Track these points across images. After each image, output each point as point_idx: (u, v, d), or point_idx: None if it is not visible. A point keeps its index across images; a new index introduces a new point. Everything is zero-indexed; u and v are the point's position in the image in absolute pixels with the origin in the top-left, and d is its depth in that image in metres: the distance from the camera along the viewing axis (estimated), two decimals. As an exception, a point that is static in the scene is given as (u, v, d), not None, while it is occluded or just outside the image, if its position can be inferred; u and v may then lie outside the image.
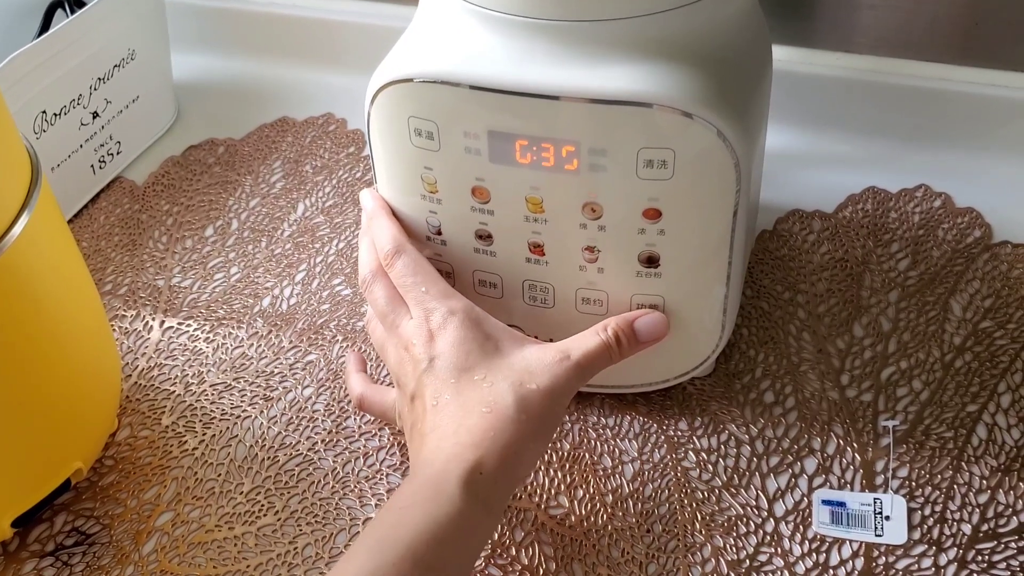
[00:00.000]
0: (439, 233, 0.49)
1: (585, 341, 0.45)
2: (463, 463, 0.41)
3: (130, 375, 0.57)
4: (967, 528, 0.46)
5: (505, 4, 0.43)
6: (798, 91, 0.67)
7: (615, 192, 0.44)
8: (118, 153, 0.72)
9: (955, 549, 0.45)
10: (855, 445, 0.50)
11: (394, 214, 0.50)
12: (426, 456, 0.42)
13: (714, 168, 0.43)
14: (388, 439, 0.53)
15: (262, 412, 0.55)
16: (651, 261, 0.46)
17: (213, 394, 0.56)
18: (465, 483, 0.40)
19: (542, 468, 0.50)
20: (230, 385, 0.56)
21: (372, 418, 0.54)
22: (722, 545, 0.47)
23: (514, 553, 0.47)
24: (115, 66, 0.69)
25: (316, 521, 0.49)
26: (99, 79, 0.67)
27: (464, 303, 0.46)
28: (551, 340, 0.51)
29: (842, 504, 0.48)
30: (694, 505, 0.48)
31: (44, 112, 0.63)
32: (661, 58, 0.43)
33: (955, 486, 0.48)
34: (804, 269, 0.60)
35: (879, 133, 0.68)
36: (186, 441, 0.53)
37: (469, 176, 0.46)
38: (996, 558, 0.45)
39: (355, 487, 0.50)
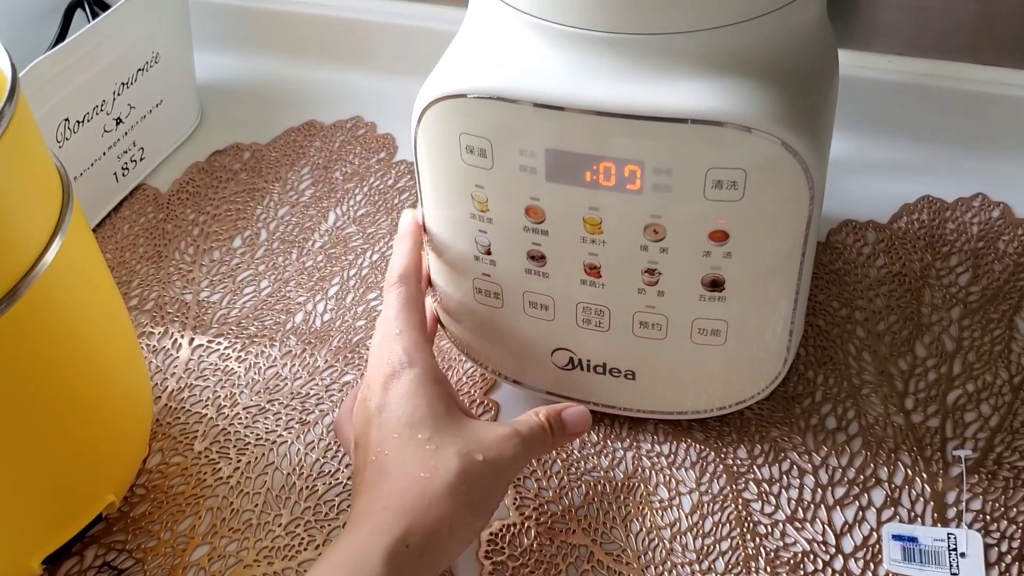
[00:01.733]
0: (488, 253, 0.47)
1: (528, 421, 0.44)
2: (388, 535, 0.38)
3: (159, 396, 0.55)
4: (1048, 566, 0.44)
5: (566, 16, 0.40)
6: (849, 95, 0.65)
7: (680, 214, 0.42)
8: (141, 159, 0.69)
9: (1037, 589, 0.43)
10: (924, 475, 0.48)
11: (433, 246, 0.48)
12: (352, 519, 0.40)
13: (787, 188, 0.41)
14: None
15: (299, 437, 0.52)
16: (715, 284, 0.44)
17: (247, 417, 0.53)
18: (388, 558, 0.38)
19: (596, 500, 0.48)
20: (264, 408, 0.54)
21: (415, 444, 0.51)
22: (789, 584, 0.44)
23: (570, 591, 0.45)
24: (139, 70, 0.66)
25: (360, 555, 0.47)
26: (123, 84, 0.65)
27: (427, 359, 0.44)
28: (604, 365, 0.49)
29: (914, 539, 0.45)
30: (757, 540, 0.46)
31: (67, 120, 0.61)
32: (731, 73, 0.40)
33: (1033, 520, 0.45)
34: (860, 284, 0.57)
35: (933, 139, 0.65)
36: (220, 468, 0.51)
37: (523, 195, 0.44)
38: (1080, 599, 0.43)
39: (399, 518, 0.48)
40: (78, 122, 0.62)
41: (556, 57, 0.41)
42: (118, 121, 0.66)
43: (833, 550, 0.45)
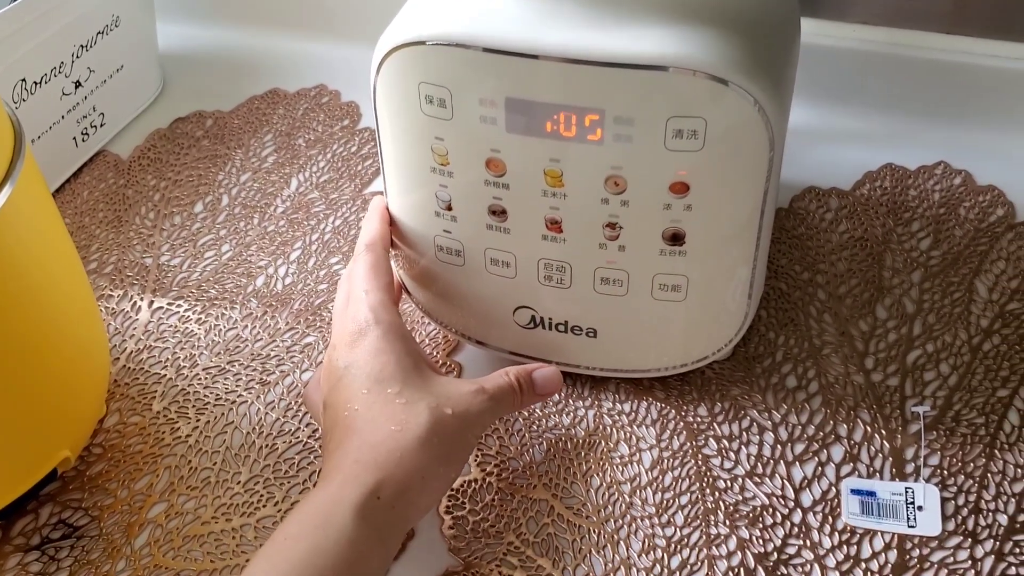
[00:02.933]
0: (449, 208, 0.46)
1: (497, 379, 0.44)
2: (360, 487, 0.38)
3: (118, 358, 0.54)
4: (1003, 519, 0.44)
5: (526, -38, 0.40)
6: (812, 64, 0.65)
7: (641, 164, 0.42)
8: (102, 125, 0.68)
9: (991, 541, 0.43)
10: (883, 432, 0.48)
11: (394, 203, 0.48)
12: (324, 475, 0.40)
13: (748, 140, 0.41)
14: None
15: (259, 397, 0.52)
16: (676, 239, 0.44)
17: (206, 378, 0.53)
18: (359, 510, 0.37)
19: (557, 457, 0.48)
20: (224, 369, 0.53)
21: (376, 403, 0.51)
22: (748, 537, 0.44)
23: (529, 544, 0.45)
24: (98, 33, 0.65)
25: (319, 512, 0.46)
26: (81, 46, 0.64)
27: (393, 317, 0.44)
28: (566, 323, 0.49)
29: (872, 494, 0.45)
30: (716, 494, 0.46)
31: (24, 80, 0.60)
32: (695, 20, 0.40)
33: (989, 475, 0.46)
34: (823, 249, 0.58)
35: (896, 108, 0.65)
36: (179, 428, 0.51)
37: (484, 147, 0.44)
38: (1034, 550, 0.43)
39: (359, 476, 0.48)
40: (35, 83, 0.61)
41: (517, 4, 0.41)
42: (77, 84, 0.65)
43: (792, 504, 0.45)
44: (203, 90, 0.74)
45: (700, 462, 0.48)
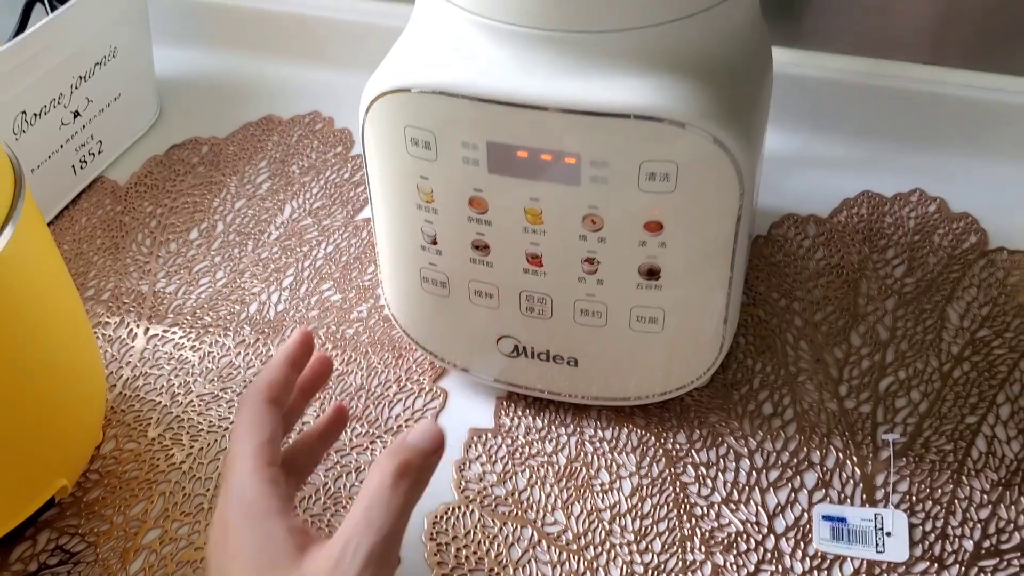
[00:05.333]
0: (434, 243, 0.48)
1: (364, 517, 0.36)
2: None
3: (114, 385, 0.56)
4: (969, 544, 0.46)
5: (506, 14, 0.42)
6: (791, 93, 0.67)
7: (616, 205, 0.43)
8: (99, 152, 0.70)
9: (957, 566, 0.45)
10: (855, 458, 0.50)
11: (381, 236, 0.48)
12: None
13: (717, 181, 0.42)
14: (381, 454, 0.52)
15: (251, 424, 0.53)
16: (652, 273, 0.46)
17: (200, 405, 0.54)
18: None
19: (539, 483, 0.50)
20: (217, 396, 0.55)
21: (364, 431, 0.53)
22: (723, 563, 0.46)
23: (511, 572, 0.46)
24: (96, 64, 0.67)
25: (308, 538, 0.48)
26: (80, 78, 0.66)
27: (255, 494, 0.37)
28: (547, 352, 0.50)
29: (843, 520, 0.47)
30: (693, 521, 0.48)
31: (24, 112, 0.61)
32: (664, 70, 0.42)
33: (956, 501, 0.47)
34: (800, 275, 0.59)
35: (873, 136, 0.67)
36: (173, 454, 0.52)
37: (467, 186, 0.45)
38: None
39: (347, 503, 0.49)
40: (35, 115, 0.63)
41: (497, 54, 0.43)
42: (76, 114, 0.66)
43: (765, 530, 0.47)
44: (199, 116, 0.76)
45: (678, 489, 0.49)
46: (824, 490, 0.48)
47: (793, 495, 0.48)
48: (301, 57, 0.79)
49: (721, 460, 0.50)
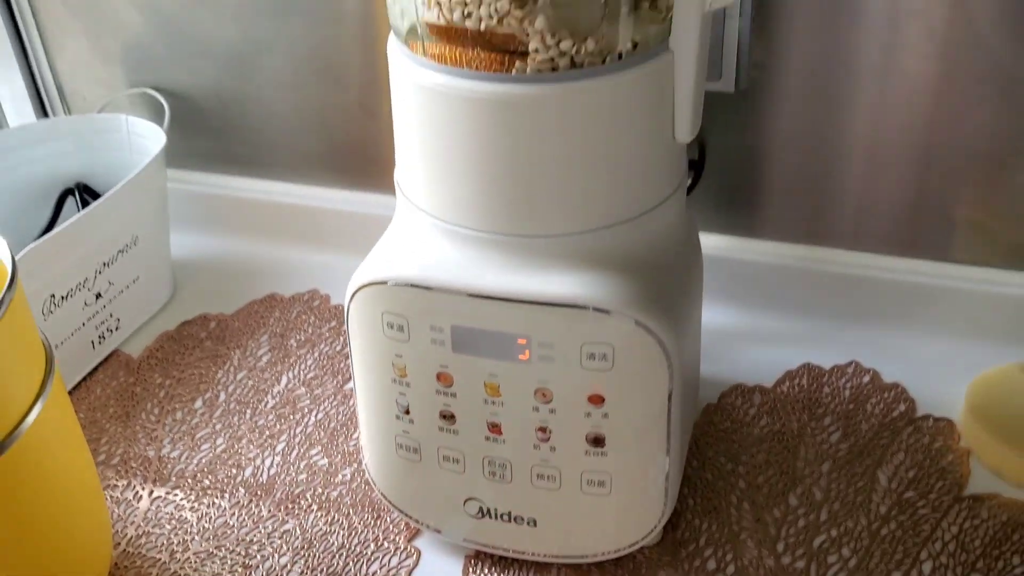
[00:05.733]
0: (407, 412, 0.55)
1: None
2: None
3: (119, 543, 0.61)
4: None
5: (466, 221, 0.50)
6: (741, 276, 0.75)
7: (563, 380, 0.50)
8: (117, 329, 0.77)
9: None
10: (789, 611, 0.54)
11: (361, 406, 0.55)
12: None
13: (647, 360, 0.49)
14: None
15: (241, 579, 0.58)
16: (597, 441, 0.52)
17: (196, 562, 0.60)
18: None
19: (500, 633, 0.54)
20: (212, 553, 0.60)
21: (344, 585, 0.58)
22: None
23: None
24: (119, 251, 0.75)
25: None
26: (104, 263, 0.74)
27: None
28: (509, 513, 0.56)
29: (776, 668, 0.51)
30: (641, 669, 0.52)
31: (53, 296, 0.69)
32: (597, 266, 0.49)
33: (880, 650, 0.52)
34: (745, 441, 0.65)
35: (814, 314, 0.74)
36: (169, 607, 0.57)
37: (435, 363, 0.52)
38: None
39: (326, 652, 0.54)
40: (63, 297, 0.71)
41: (458, 253, 0.51)
42: (98, 296, 0.74)
43: (706, 678, 0.51)
44: (209, 294, 0.84)
45: (627, 639, 0.54)
46: (761, 641, 0.53)
47: (732, 645, 0.53)
48: (303, 241, 0.87)
49: (668, 613, 0.55)
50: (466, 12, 0.45)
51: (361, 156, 0.84)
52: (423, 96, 0.48)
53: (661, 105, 0.49)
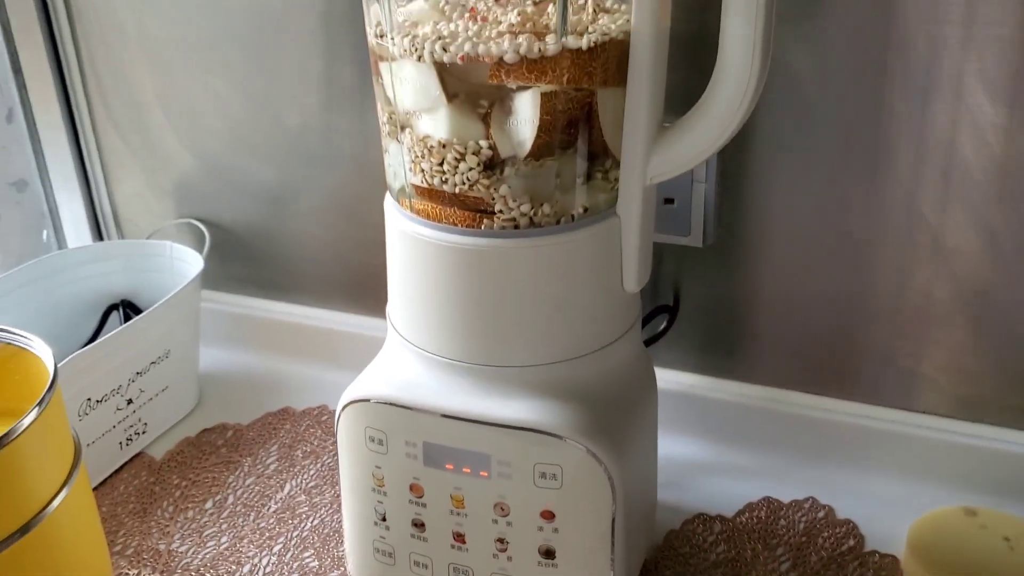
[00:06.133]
0: (384, 519, 0.61)
1: None
2: None
3: (123, 626, 0.68)
4: None
5: (440, 350, 0.58)
6: (711, 412, 0.81)
7: (518, 496, 0.57)
8: (143, 432, 0.86)
9: None
10: None
11: (347, 511, 0.62)
12: None
13: (593, 483, 0.56)
14: None
15: (228, 665, 0.64)
16: (549, 554, 0.58)
17: (190, 647, 0.66)
18: None
19: None
20: (205, 640, 0.66)
21: (319, 676, 0.63)
22: None
23: None
24: (152, 362, 0.84)
25: None
26: (137, 373, 0.83)
27: None
28: (471, 615, 0.61)
29: None
30: None
31: (89, 399, 0.78)
32: (553, 396, 0.57)
33: None
34: (700, 566, 0.71)
35: (776, 449, 0.80)
36: None
37: (408, 475, 0.59)
38: None
39: None
40: (97, 401, 0.79)
41: (434, 377, 0.58)
42: (129, 401, 0.83)
43: None
44: (230, 405, 0.92)
45: None
46: None
47: None
48: (318, 360, 0.96)
49: None
50: (443, 178, 0.54)
51: (374, 286, 0.93)
52: (408, 243, 0.57)
53: (609, 260, 0.57)
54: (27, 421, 0.53)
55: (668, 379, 0.82)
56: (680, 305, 0.80)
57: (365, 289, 0.94)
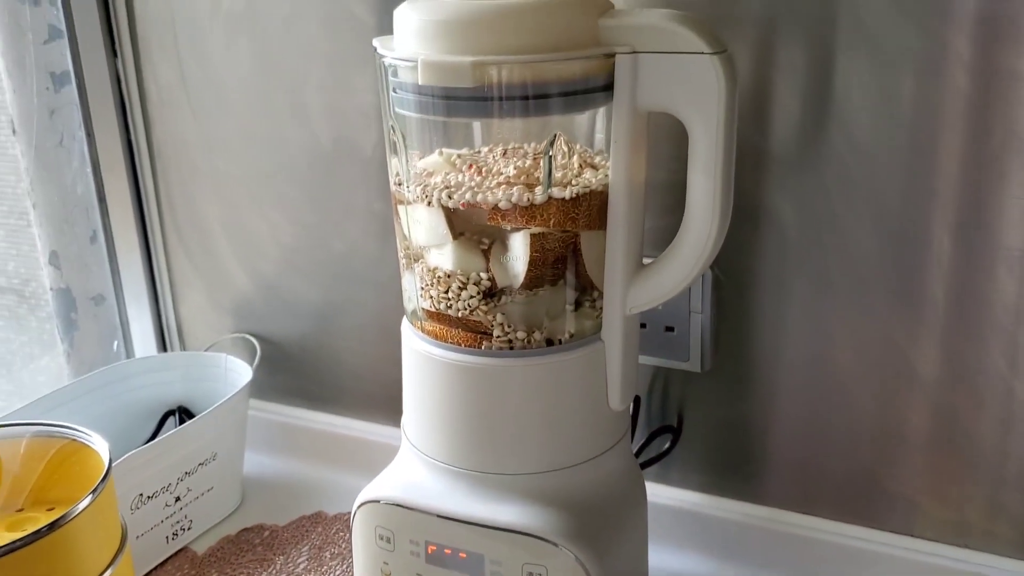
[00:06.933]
0: (391, 612, 0.68)
1: None
2: None
3: None
4: None
5: (443, 457, 0.65)
6: (711, 529, 0.86)
7: (508, 593, 0.63)
8: (188, 529, 0.93)
9: None
10: None
11: None
12: None
13: (574, 583, 0.62)
14: None
15: None
16: (535, 647, 0.63)
17: None
18: None
19: None
20: None
21: None
22: None
23: None
24: (200, 464, 0.93)
25: None
26: (186, 473, 0.91)
27: None
28: None
29: None
30: None
31: (141, 494, 0.86)
32: (542, 502, 0.63)
33: None
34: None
35: (773, 568, 0.84)
36: None
37: (412, 572, 0.66)
38: None
39: None
40: (148, 497, 0.87)
41: (437, 482, 0.65)
42: (177, 499, 0.91)
43: None
44: (268, 507, 0.99)
45: None
46: None
47: None
48: (353, 468, 1.03)
49: None
50: (448, 304, 0.63)
51: (407, 400, 1.01)
52: (419, 360, 0.65)
53: (595, 380, 0.64)
54: (81, 506, 0.61)
55: (671, 496, 0.87)
56: (683, 426, 0.86)
57: (398, 403, 1.01)
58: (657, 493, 0.87)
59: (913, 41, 0.68)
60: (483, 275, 0.61)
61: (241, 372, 1.00)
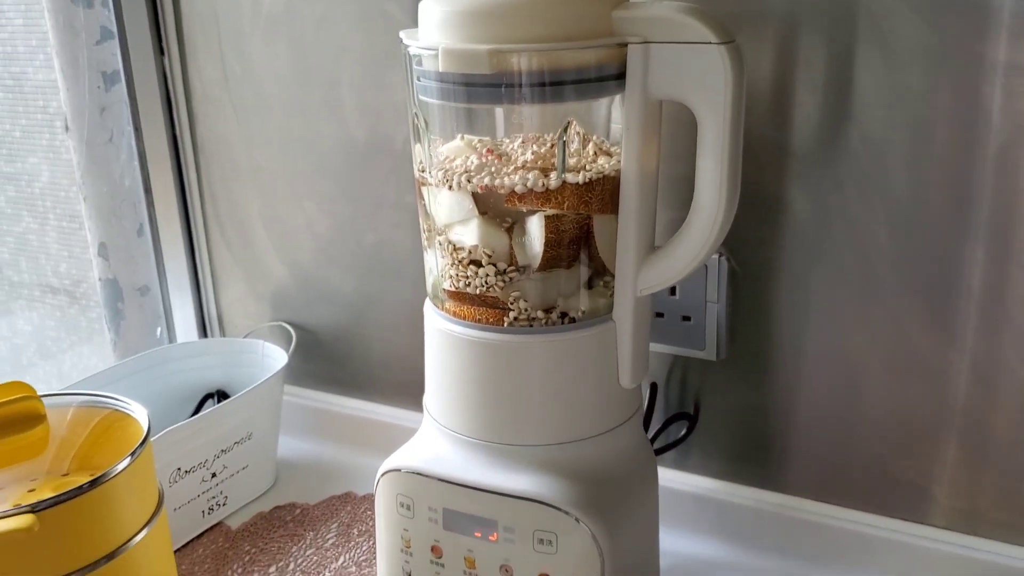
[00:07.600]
0: (410, 577, 0.71)
1: None
2: None
3: (186, 664, 0.78)
4: None
5: (461, 429, 0.68)
6: (725, 515, 0.88)
7: (520, 558, 0.66)
8: (223, 505, 0.97)
9: None
10: None
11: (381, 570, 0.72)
12: None
13: (582, 552, 0.64)
14: None
15: None
16: (547, 612, 0.66)
17: None
18: None
19: None
20: None
21: None
22: None
23: None
24: (236, 442, 0.97)
25: None
26: (222, 450, 0.95)
27: None
28: (479, 670, 0.69)
29: None
30: None
31: (179, 469, 0.91)
32: (554, 472, 0.66)
33: None
34: (701, 650, 0.77)
35: (786, 554, 0.86)
36: None
37: (430, 538, 0.69)
38: None
39: None
40: (186, 471, 0.92)
41: (454, 452, 0.68)
42: (213, 475, 0.95)
43: None
44: (300, 486, 1.03)
45: None
46: None
47: None
48: (381, 451, 1.05)
49: None
50: (467, 283, 0.66)
51: (435, 387, 1.04)
52: (441, 338, 0.69)
53: (606, 358, 0.67)
54: (120, 467, 0.65)
55: (687, 482, 0.90)
56: (700, 413, 0.89)
57: (424, 389, 1.05)
58: (674, 479, 0.89)
59: (928, 39, 0.70)
60: (503, 254, 0.65)
61: (277, 358, 1.04)
